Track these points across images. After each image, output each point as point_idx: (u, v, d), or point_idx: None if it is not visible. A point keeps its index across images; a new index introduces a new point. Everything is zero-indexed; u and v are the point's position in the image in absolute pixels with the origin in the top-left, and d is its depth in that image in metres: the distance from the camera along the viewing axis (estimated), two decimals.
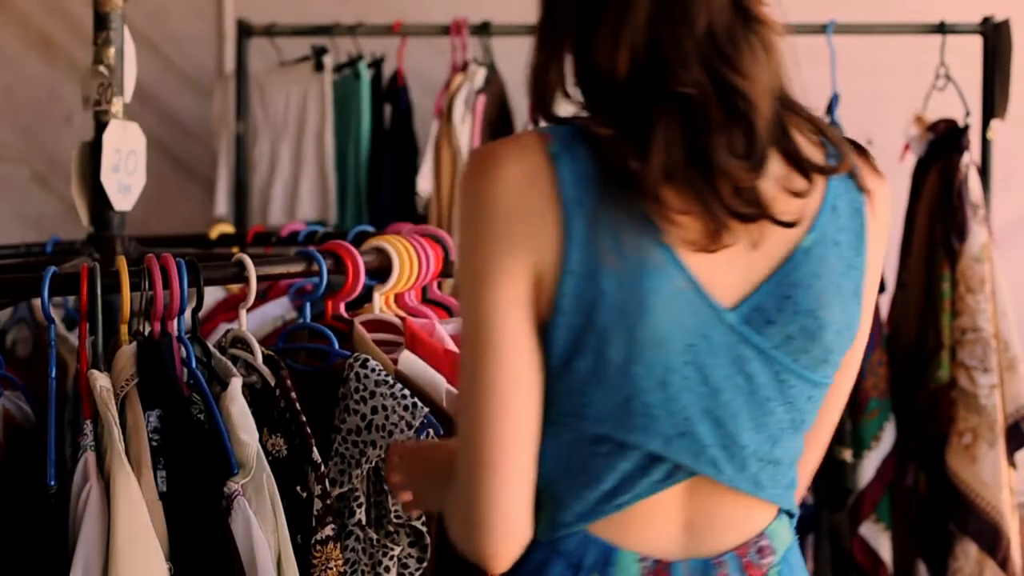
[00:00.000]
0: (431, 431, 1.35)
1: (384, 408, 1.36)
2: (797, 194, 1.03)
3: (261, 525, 1.22)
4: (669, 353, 1.01)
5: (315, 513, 1.28)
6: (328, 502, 1.29)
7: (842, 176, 1.07)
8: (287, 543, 1.25)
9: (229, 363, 1.34)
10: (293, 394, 1.34)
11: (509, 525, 1.02)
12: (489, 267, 1.01)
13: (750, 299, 1.04)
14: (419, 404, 1.36)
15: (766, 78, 1.02)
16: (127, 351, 1.31)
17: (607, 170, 1.00)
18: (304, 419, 1.32)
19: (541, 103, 1.09)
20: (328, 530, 1.28)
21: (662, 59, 1.00)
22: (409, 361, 1.45)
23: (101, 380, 1.26)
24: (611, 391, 1.02)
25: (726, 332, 1.03)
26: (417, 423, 1.34)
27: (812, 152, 1.06)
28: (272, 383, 1.34)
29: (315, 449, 1.30)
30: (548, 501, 1.07)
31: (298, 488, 1.30)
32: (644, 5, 1.01)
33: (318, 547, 1.27)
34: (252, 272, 1.37)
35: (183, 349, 1.32)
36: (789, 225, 1.02)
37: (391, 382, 1.38)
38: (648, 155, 0.98)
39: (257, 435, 1.27)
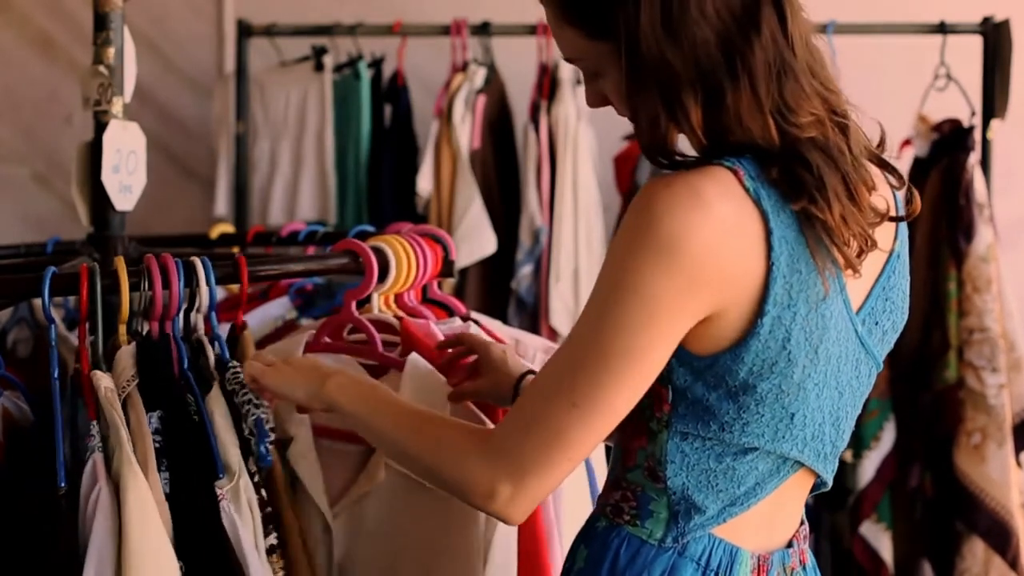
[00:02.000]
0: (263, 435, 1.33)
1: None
2: (895, 183, 1.16)
3: (243, 528, 1.22)
4: (829, 366, 1.10)
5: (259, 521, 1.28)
6: (268, 510, 1.28)
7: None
8: (262, 549, 1.25)
9: (211, 364, 1.34)
10: (236, 399, 1.33)
11: (547, 495, 1.10)
12: (661, 301, 1.03)
13: (866, 304, 1.14)
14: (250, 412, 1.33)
15: (837, 85, 1.11)
16: (127, 351, 1.31)
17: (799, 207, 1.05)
18: (244, 425, 1.32)
19: (661, 152, 1.09)
20: (272, 538, 1.27)
21: (791, 107, 1.05)
22: (416, 364, 1.44)
23: (105, 381, 1.26)
24: (782, 408, 1.09)
25: (854, 339, 1.13)
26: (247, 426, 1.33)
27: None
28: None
29: (252, 456, 1.29)
30: (681, 508, 1.13)
31: None
32: (763, 59, 1.04)
33: (268, 556, 1.27)
34: (202, 276, 1.36)
35: (177, 350, 1.32)
36: (904, 218, 1.14)
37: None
38: (829, 207, 1.04)
39: (238, 440, 1.26)
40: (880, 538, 2.84)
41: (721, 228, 1.02)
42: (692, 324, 1.05)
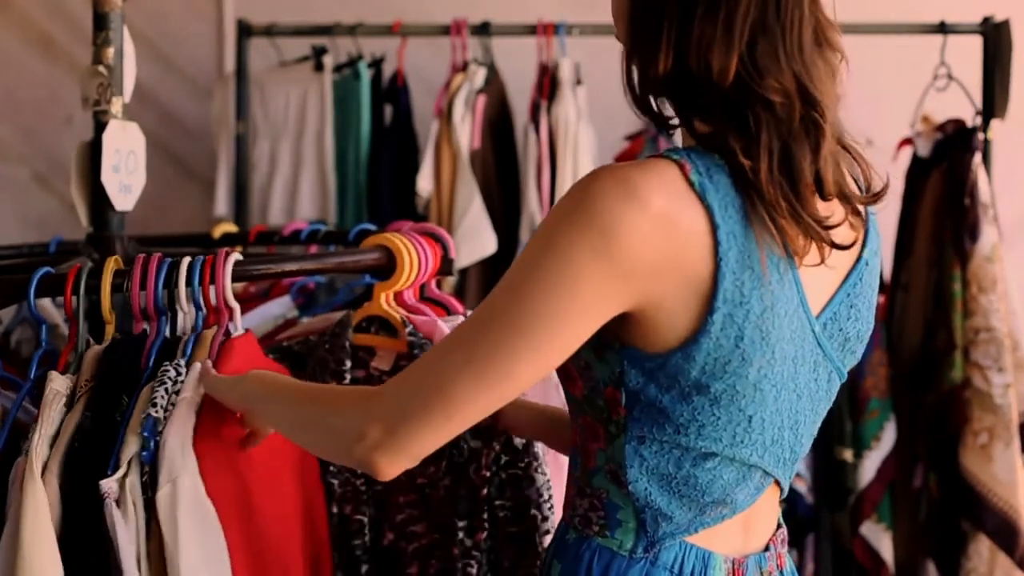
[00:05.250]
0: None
1: None
2: (856, 214, 1.12)
3: (126, 529, 1.20)
4: (785, 367, 1.07)
5: None
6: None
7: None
8: (143, 552, 1.22)
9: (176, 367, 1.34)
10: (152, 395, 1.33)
11: (421, 456, 1.06)
12: (583, 277, 1.01)
13: (827, 308, 1.12)
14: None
15: (833, 96, 1.09)
16: (92, 353, 1.32)
17: (746, 195, 1.04)
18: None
19: (644, 104, 1.11)
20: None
21: (757, 64, 1.04)
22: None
23: (56, 382, 1.28)
24: (739, 411, 1.06)
25: (812, 341, 1.11)
26: None
27: (858, 176, 1.15)
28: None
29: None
30: (647, 515, 1.11)
31: None
32: (746, 9, 1.04)
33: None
34: (183, 276, 1.37)
35: (148, 350, 1.32)
36: (846, 248, 1.09)
37: None
38: (757, 162, 1.03)
39: (141, 442, 1.24)
40: (881, 538, 2.84)
41: (654, 221, 1.01)
42: (615, 310, 1.03)
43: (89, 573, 1.20)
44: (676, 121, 1.12)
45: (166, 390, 1.27)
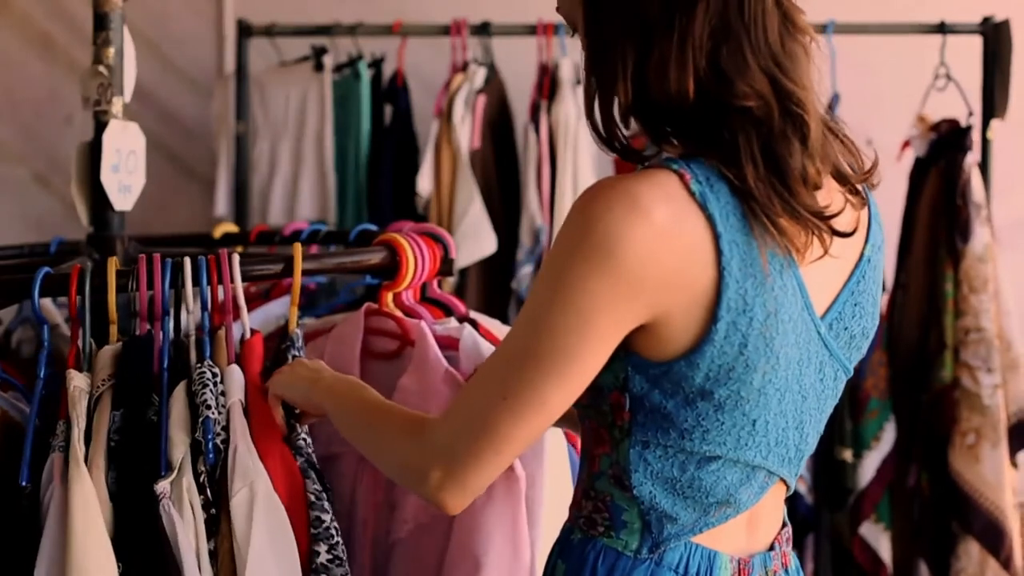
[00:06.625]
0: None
1: None
2: (854, 203, 1.11)
3: (183, 529, 1.20)
4: (790, 370, 1.08)
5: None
6: (213, 512, 1.26)
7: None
8: (205, 551, 1.23)
9: (191, 364, 1.35)
10: (196, 399, 1.33)
11: (483, 487, 1.10)
12: (595, 304, 1.01)
13: (832, 308, 1.12)
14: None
15: (813, 86, 1.07)
16: (108, 351, 1.32)
17: (743, 199, 1.03)
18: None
19: (610, 138, 1.11)
20: (215, 542, 1.26)
21: (723, 72, 1.03)
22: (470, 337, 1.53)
23: (76, 380, 1.28)
24: (743, 415, 1.07)
25: (817, 341, 1.10)
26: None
27: (850, 160, 1.13)
28: None
29: (202, 457, 1.29)
30: (652, 517, 1.11)
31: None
32: (703, 20, 1.02)
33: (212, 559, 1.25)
34: (188, 276, 1.37)
35: (160, 349, 1.33)
36: (848, 235, 1.08)
37: None
38: (741, 169, 1.02)
39: (189, 440, 1.25)
40: (879, 538, 2.84)
41: (658, 233, 1.00)
42: (630, 328, 1.04)
43: (138, 572, 1.20)
44: (649, 151, 1.12)
45: (211, 391, 1.29)
